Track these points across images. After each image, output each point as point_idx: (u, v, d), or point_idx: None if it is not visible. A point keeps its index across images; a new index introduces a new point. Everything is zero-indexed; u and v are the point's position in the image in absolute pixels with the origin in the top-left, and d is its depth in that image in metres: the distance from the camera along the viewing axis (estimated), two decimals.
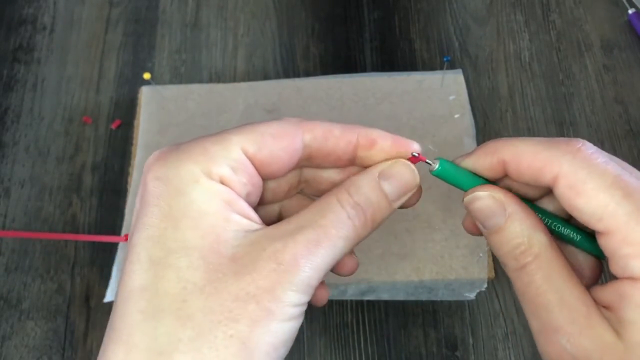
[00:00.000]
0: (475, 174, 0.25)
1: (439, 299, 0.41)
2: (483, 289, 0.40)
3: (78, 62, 0.52)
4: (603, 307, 0.21)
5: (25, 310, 0.42)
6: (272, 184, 0.25)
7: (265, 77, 0.50)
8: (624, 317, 0.20)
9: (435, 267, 0.39)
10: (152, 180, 0.21)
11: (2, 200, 0.46)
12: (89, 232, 0.45)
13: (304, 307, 0.21)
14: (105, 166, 0.47)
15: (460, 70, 0.47)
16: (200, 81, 0.51)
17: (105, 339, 0.20)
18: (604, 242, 0.21)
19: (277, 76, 0.50)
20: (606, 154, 0.22)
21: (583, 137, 0.49)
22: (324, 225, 0.21)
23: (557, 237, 0.24)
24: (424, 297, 0.41)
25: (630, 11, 0.51)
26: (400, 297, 0.41)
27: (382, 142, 0.24)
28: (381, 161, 0.24)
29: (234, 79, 0.51)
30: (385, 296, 0.41)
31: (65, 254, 0.44)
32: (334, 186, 0.24)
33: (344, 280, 0.39)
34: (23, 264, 0.44)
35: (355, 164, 0.25)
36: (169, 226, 0.20)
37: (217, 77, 0.51)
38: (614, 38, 0.50)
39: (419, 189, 0.25)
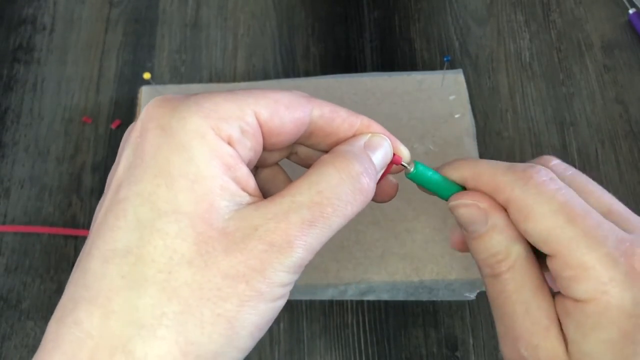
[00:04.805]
0: (450, 180, 0.25)
1: (439, 299, 0.41)
2: (483, 289, 0.40)
3: (78, 62, 0.52)
4: None
5: (25, 310, 0.42)
6: (265, 153, 0.24)
7: (265, 77, 0.50)
8: (567, 334, 0.21)
9: (436, 267, 0.39)
10: (154, 129, 0.20)
11: (2, 200, 0.46)
12: None
13: (292, 286, 0.20)
14: (105, 166, 0.47)
15: (460, 70, 0.47)
16: (200, 81, 0.50)
17: (74, 294, 0.19)
18: (549, 264, 0.22)
19: (277, 76, 0.50)
20: (564, 180, 0.23)
21: (583, 137, 0.49)
22: (319, 202, 0.20)
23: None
24: (424, 297, 0.41)
25: (630, 11, 0.51)
26: (401, 297, 0.41)
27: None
28: (352, 136, 0.24)
29: (234, 79, 0.51)
30: (385, 296, 0.41)
31: (65, 253, 0.44)
32: None
33: (344, 280, 0.39)
34: (23, 264, 0.44)
35: None
36: (163, 184, 0.19)
37: (217, 77, 0.51)
38: (615, 38, 0.50)
39: (396, 185, 0.26)
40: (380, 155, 0.23)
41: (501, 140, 0.47)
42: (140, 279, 0.18)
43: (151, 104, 0.21)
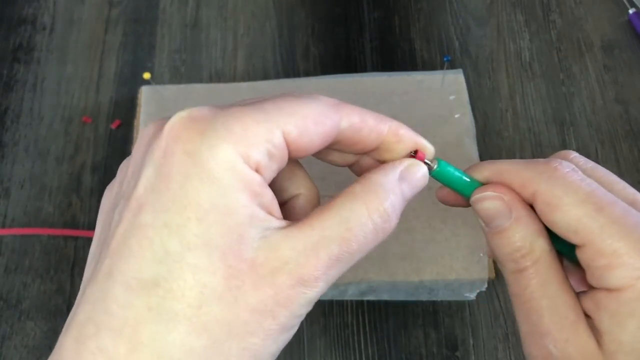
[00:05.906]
0: (472, 178, 0.25)
1: (439, 299, 0.41)
2: (483, 289, 0.40)
3: (78, 62, 0.52)
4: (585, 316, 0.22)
5: (25, 310, 0.42)
6: None
7: (265, 77, 0.50)
8: (601, 327, 0.21)
9: (436, 267, 0.39)
10: (181, 154, 0.19)
11: (2, 200, 0.46)
12: None
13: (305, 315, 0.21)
14: (105, 166, 0.47)
15: (460, 70, 0.47)
16: (200, 81, 0.50)
17: (94, 316, 0.19)
18: (580, 255, 0.22)
19: (277, 76, 0.50)
20: (585, 173, 0.23)
21: (583, 137, 0.49)
22: (347, 239, 0.20)
23: None
24: (424, 297, 0.41)
25: (630, 11, 0.51)
26: (401, 297, 0.41)
27: (406, 141, 0.23)
28: (394, 159, 0.23)
29: (234, 79, 0.51)
30: (385, 296, 0.41)
31: (65, 254, 0.44)
32: (346, 164, 0.24)
33: (344, 280, 0.39)
34: (23, 264, 0.44)
35: (368, 154, 0.24)
36: (194, 217, 0.18)
37: (217, 77, 0.51)
38: (615, 38, 0.50)
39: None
40: (416, 186, 0.23)
41: (501, 140, 0.47)
42: (169, 312, 0.18)
43: (177, 123, 0.19)
